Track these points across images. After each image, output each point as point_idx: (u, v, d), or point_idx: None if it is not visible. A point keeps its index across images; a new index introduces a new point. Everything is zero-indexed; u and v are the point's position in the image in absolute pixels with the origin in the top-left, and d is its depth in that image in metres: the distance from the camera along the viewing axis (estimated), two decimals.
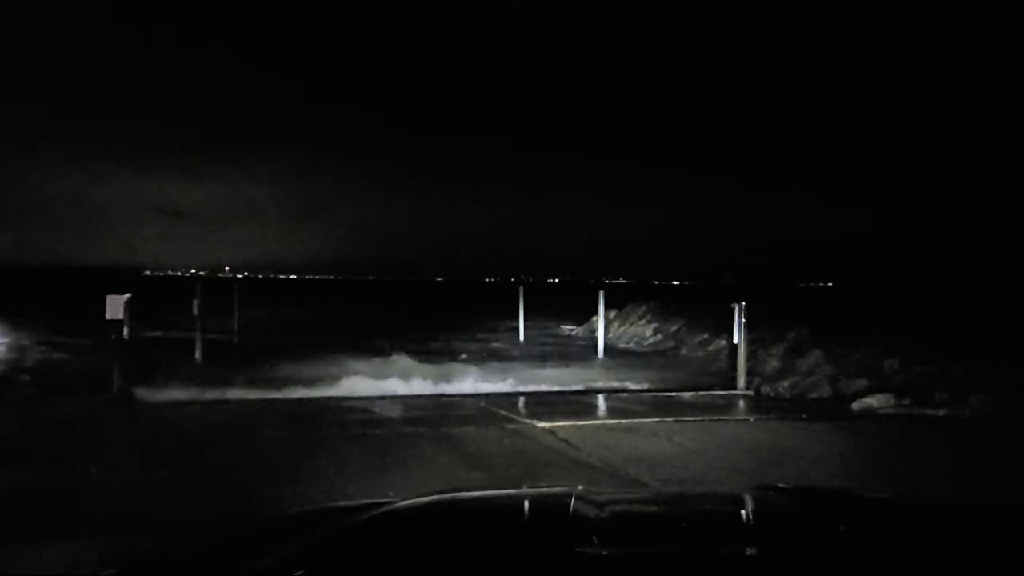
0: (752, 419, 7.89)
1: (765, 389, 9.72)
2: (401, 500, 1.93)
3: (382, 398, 8.48)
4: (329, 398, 8.58)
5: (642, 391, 9.75)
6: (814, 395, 9.25)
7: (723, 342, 11.97)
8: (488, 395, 8.89)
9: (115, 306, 8.41)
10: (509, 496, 2.14)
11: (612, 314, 16.74)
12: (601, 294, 13.08)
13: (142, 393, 8.40)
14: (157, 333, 15.17)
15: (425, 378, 9.94)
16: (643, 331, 16.05)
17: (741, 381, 9.69)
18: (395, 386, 9.41)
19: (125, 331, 8.71)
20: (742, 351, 9.76)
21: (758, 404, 8.82)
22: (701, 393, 9.49)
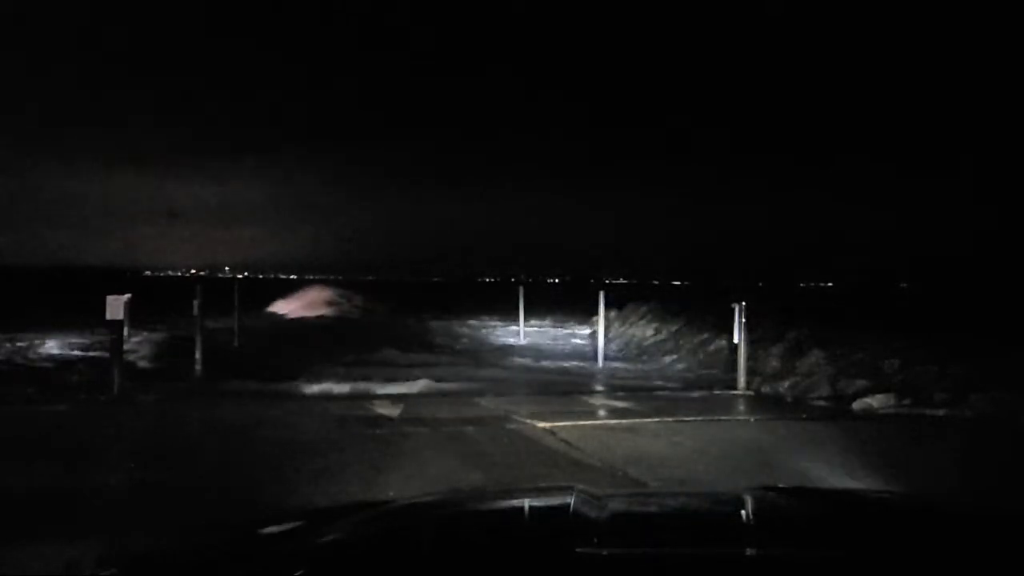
0: (752, 419, 7.89)
1: (765, 389, 9.72)
2: (401, 500, 1.93)
3: (381, 397, 8.47)
4: (332, 395, 8.58)
5: (642, 391, 9.75)
6: (814, 395, 9.24)
7: (723, 342, 11.96)
8: (487, 394, 8.88)
9: (115, 306, 8.41)
10: (509, 496, 2.14)
11: (612, 314, 16.72)
12: (601, 294, 13.06)
13: (142, 392, 8.40)
14: (157, 333, 15.19)
15: (420, 380, 9.94)
16: (643, 331, 16.03)
17: (741, 381, 9.69)
18: (395, 386, 9.40)
19: (125, 331, 8.71)
20: (742, 351, 9.75)
21: (758, 404, 8.81)
22: (701, 393, 9.49)
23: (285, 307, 25.21)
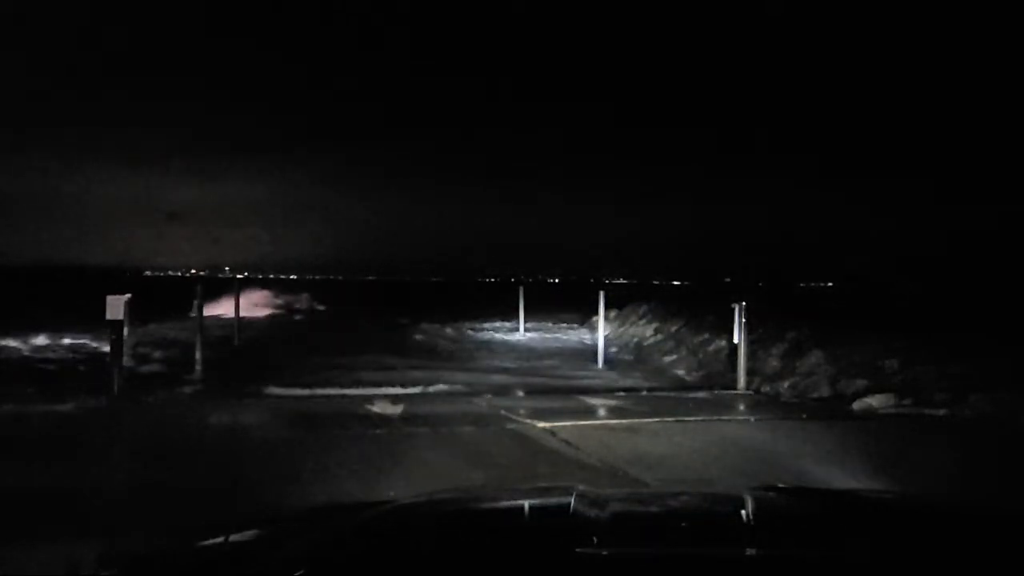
0: (752, 419, 7.89)
1: (765, 389, 9.72)
2: (401, 500, 1.93)
3: (379, 397, 8.47)
4: (330, 395, 8.59)
5: (642, 391, 9.76)
6: (814, 395, 9.25)
7: (723, 342, 11.97)
8: (487, 394, 8.89)
9: (115, 306, 8.41)
10: (509, 496, 2.14)
11: (612, 314, 16.72)
12: (601, 294, 13.05)
13: (142, 392, 8.40)
14: (158, 333, 15.18)
15: (421, 380, 9.95)
16: (643, 331, 16.03)
17: (741, 381, 9.69)
18: (393, 387, 9.40)
19: (125, 331, 8.71)
20: (742, 351, 9.75)
21: (758, 404, 8.82)
22: (701, 393, 9.49)
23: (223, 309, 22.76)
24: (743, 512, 1.70)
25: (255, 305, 23.08)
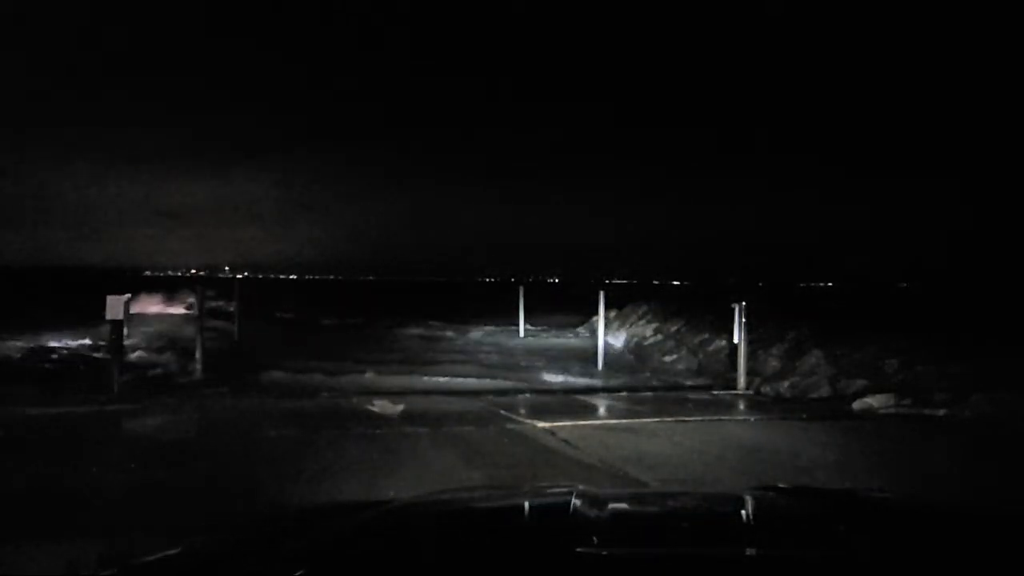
0: (752, 419, 7.89)
1: (765, 389, 9.72)
2: (401, 500, 1.93)
3: (379, 396, 8.47)
4: (328, 395, 8.58)
5: (642, 391, 9.75)
6: (814, 395, 9.25)
7: (723, 342, 11.97)
8: (488, 394, 8.89)
9: (115, 306, 8.41)
10: (509, 496, 2.14)
11: (612, 314, 16.73)
12: (601, 294, 13.04)
13: (142, 392, 8.40)
14: (158, 333, 15.18)
15: (419, 380, 9.95)
16: (643, 331, 16.03)
17: (741, 381, 9.70)
18: (394, 387, 9.40)
19: (125, 331, 8.71)
20: (742, 351, 9.76)
21: (758, 404, 8.82)
22: (701, 393, 9.49)
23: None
24: (743, 512, 1.70)
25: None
